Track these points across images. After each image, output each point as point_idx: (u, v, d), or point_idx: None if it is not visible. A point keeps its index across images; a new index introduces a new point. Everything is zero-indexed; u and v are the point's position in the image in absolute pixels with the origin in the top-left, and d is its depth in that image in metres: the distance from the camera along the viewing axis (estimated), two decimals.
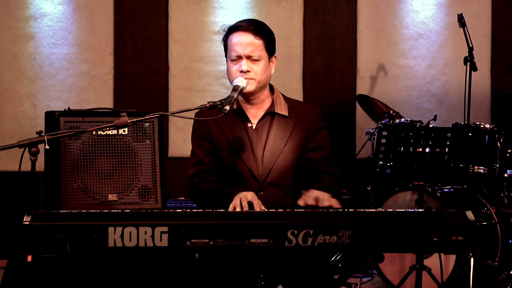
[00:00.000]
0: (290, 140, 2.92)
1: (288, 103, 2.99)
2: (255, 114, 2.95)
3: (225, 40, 2.93)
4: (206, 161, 2.94)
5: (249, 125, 2.94)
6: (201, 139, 2.96)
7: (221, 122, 2.87)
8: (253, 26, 2.87)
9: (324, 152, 2.97)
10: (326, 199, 2.64)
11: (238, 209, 2.64)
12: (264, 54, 2.87)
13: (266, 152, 2.90)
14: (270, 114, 2.94)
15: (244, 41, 2.84)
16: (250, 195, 2.69)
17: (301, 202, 2.66)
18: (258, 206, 2.67)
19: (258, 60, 2.85)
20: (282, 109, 2.95)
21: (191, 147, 3.01)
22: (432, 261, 4.02)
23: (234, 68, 2.86)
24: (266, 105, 2.97)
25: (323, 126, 3.00)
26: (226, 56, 2.95)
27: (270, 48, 2.91)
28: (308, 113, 2.99)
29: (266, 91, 2.97)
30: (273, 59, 2.94)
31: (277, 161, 2.89)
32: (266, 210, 2.62)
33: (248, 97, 2.92)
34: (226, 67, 2.96)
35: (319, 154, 2.96)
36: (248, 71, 2.83)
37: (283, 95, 3.03)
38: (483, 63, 5.61)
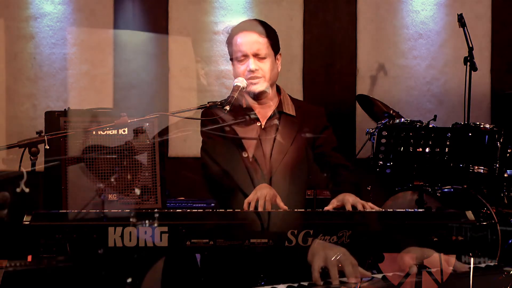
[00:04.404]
0: (297, 139, 2.93)
1: (294, 103, 3.01)
2: (263, 113, 2.96)
3: (230, 41, 2.94)
4: (218, 151, 2.91)
5: (258, 124, 2.95)
6: (211, 132, 2.93)
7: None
8: (257, 26, 2.90)
9: (332, 145, 2.99)
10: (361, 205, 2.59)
11: (252, 207, 2.57)
12: (270, 52, 2.89)
13: (274, 151, 2.90)
14: (278, 113, 2.96)
15: (250, 40, 2.86)
16: (269, 196, 2.59)
17: (330, 207, 2.62)
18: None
19: (264, 58, 2.87)
20: (289, 109, 2.97)
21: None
22: (432, 261, 4.01)
23: (242, 68, 2.87)
24: (274, 104, 2.98)
25: (328, 125, 3.03)
26: (231, 57, 2.95)
27: (275, 46, 2.93)
28: (313, 113, 3.02)
29: (274, 90, 2.99)
30: (278, 56, 2.96)
31: (284, 159, 2.89)
32: (267, 210, 2.61)
33: (258, 96, 2.93)
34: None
35: (327, 147, 2.97)
36: (256, 70, 2.84)
37: (289, 95, 3.04)
38: (483, 63, 5.61)
